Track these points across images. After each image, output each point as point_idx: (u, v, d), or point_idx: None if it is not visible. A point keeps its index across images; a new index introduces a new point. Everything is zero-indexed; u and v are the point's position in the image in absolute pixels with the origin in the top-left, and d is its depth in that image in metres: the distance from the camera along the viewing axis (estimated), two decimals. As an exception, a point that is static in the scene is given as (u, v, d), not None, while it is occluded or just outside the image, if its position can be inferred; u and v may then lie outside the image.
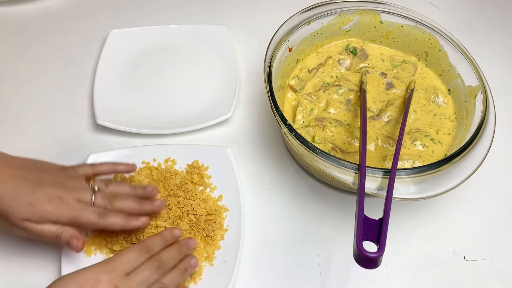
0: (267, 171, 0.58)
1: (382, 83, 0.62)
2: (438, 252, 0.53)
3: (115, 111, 0.61)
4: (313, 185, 0.57)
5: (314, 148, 0.46)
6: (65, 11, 0.76)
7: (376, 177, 0.44)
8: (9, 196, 0.43)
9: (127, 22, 0.74)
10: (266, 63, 0.53)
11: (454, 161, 0.46)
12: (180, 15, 0.76)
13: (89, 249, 0.49)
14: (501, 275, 0.51)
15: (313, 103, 0.59)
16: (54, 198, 0.44)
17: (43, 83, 0.66)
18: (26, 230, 0.44)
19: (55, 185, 0.45)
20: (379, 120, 0.58)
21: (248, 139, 0.61)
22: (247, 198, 0.55)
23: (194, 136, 0.61)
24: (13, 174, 0.44)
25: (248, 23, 0.75)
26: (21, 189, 0.44)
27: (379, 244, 0.37)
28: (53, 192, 0.45)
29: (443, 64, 0.60)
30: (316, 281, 0.50)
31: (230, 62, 0.67)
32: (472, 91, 0.55)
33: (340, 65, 0.63)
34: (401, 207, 0.56)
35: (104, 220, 0.46)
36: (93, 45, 0.71)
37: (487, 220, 0.56)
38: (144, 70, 0.67)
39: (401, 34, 0.63)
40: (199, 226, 0.51)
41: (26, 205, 0.43)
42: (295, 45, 0.59)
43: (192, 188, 0.53)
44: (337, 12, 0.61)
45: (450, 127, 0.57)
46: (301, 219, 0.54)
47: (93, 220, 0.45)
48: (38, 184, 0.45)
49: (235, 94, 0.62)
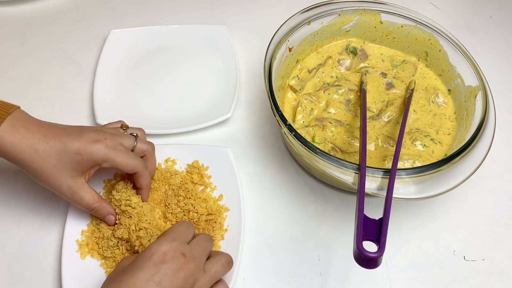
0: (267, 171, 0.58)
1: (382, 83, 0.62)
2: (438, 252, 0.53)
3: (115, 111, 0.61)
4: (313, 185, 0.57)
5: (314, 148, 0.46)
6: (65, 11, 0.76)
7: (376, 177, 0.44)
8: (56, 150, 0.44)
9: (127, 22, 0.74)
10: (266, 63, 0.53)
11: (454, 161, 0.46)
12: (180, 15, 0.76)
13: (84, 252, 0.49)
14: (501, 275, 0.51)
15: (313, 103, 0.59)
16: (100, 140, 0.45)
17: (43, 83, 0.66)
18: (71, 190, 0.45)
19: (98, 132, 0.47)
20: (379, 120, 0.58)
21: (248, 139, 0.61)
22: (247, 198, 0.55)
23: (194, 136, 0.61)
24: (56, 132, 0.45)
25: (248, 22, 0.75)
26: (65, 139, 0.45)
27: (379, 244, 0.37)
28: (98, 136, 0.46)
29: (443, 64, 0.60)
30: (316, 281, 0.50)
31: (230, 62, 0.67)
32: (472, 91, 0.55)
33: (340, 65, 0.63)
34: (401, 207, 0.56)
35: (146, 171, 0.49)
36: (93, 45, 0.71)
37: (487, 220, 0.56)
38: (144, 70, 0.67)
39: (401, 34, 0.63)
40: (199, 226, 0.51)
41: (73, 155, 0.44)
42: (295, 45, 0.59)
43: (192, 188, 0.53)
44: (337, 12, 0.61)
45: (450, 127, 0.57)
46: (301, 219, 0.54)
47: (140, 168, 0.48)
48: (81, 132, 0.46)
49: (235, 94, 0.62)
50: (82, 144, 0.45)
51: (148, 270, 0.38)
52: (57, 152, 0.44)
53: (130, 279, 0.38)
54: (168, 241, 0.41)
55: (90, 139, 0.45)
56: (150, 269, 0.39)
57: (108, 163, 0.46)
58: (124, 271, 0.39)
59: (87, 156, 0.45)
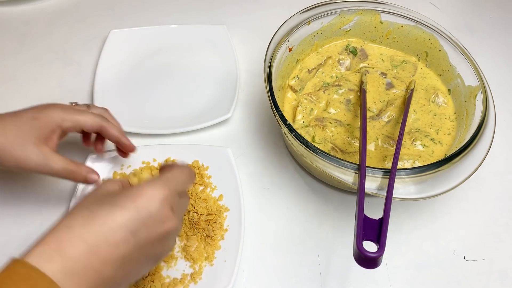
0: (267, 171, 0.58)
1: (382, 83, 0.62)
2: (438, 252, 0.53)
3: (115, 111, 0.61)
4: (313, 185, 0.57)
5: (314, 148, 0.46)
6: (65, 11, 0.76)
7: (376, 177, 0.44)
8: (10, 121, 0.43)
9: (127, 22, 0.74)
10: (266, 63, 0.53)
11: (454, 161, 0.46)
12: (180, 15, 0.76)
13: None
14: (501, 275, 0.51)
15: (313, 103, 0.59)
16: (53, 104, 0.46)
17: (43, 83, 0.66)
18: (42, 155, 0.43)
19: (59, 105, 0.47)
20: (379, 120, 0.58)
21: (248, 139, 0.61)
22: (247, 198, 0.55)
23: (194, 136, 0.61)
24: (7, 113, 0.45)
25: (248, 22, 0.75)
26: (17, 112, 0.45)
27: (379, 244, 0.37)
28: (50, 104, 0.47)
29: (443, 64, 0.60)
30: (316, 281, 0.50)
31: (230, 62, 0.67)
32: (472, 91, 0.55)
33: (340, 65, 0.63)
34: (401, 207, 0.56)
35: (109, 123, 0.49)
36: (93, 45, 0.71)
37: (487, 220, 0.56)
38: (144, 70, 0.67)
39: (401, 34, 0.63)
40: (199, 226, 0.51)
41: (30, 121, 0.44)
42: (295, 45, 0.59)
43: (192, 188, 0.53)
44: (337, 12, 0.61)
45: (450, 127, 0.57)
46: (301, 219, 0.54)
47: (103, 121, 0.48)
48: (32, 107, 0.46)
49: (235, 94, 0.62)
50: (35, 110, 0.45)
51: (128, 212, 0.34)
52: (12, 122, 0.43)
53: (103, 216, 0.33)
54: (161, 187, 0.36)
55: (43, 106, 0.45)
56: (130, 211, 0.34)
57: (68, 122, 0.45)
58: (102, 202, 0.35)
59: (44, 118, 0.44)
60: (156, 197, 0.35)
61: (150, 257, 0.37)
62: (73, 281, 0.31)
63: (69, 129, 0.46)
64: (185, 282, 0.48)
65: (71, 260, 0.31)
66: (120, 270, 0.34)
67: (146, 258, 0.36)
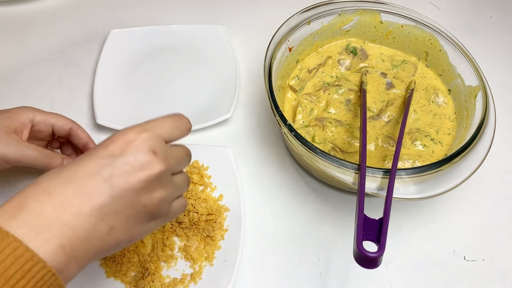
0: (267, 171, 0.58)
1: (382, 83, 0.62)
2: (438, 252, 0.53)
3: (115, 111, 0.61)
4: (313, 185, 0.57)
5: (314, 148, 0.46)
6: (65, 11, 0.76)
7: (376, 177, 0.44)
8: None
9: (127, 22, 0.74)
10: (266, 63, 0.53)
11: (454, 161, 0.46)
12: (180, 15, 0.76)
13: None
14: (501, 275, 0.51)
15: (313, 103, 0.59)
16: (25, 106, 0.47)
17: (43, 83, 0.66)
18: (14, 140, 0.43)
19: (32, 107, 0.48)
20: (379, 120, 0.58)
21: (248, 139, 0.61)
22: (247, 198, 0.55)
23: (194, 136, 0.61)
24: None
25: (248, 22, 0.75)
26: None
27: (379, 244, 0.37)
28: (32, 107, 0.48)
29: (443, 64, 0.60)
30: (316, 281, 0.50)
31: (230, 62, 0.67)
32: (472, 91, 0.55)
33: (340, 65, 0.63)
34: (401, 207, 0.56)
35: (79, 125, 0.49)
36: (93, 45, 0.71)
37: (487, 220, 0.56)
38: (144, 70, 0.67)
39: (401, 34, 0.63)
40: (199, 226, 0.51)
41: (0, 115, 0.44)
42: (295, 45, 0.59)
43: (192, 188, 0.53)
44: (337, 12, 0.61)
45: (450, 127, 0.57)
46: (301, 219, 0.54)
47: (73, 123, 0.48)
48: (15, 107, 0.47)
49: (235, 94, 0.62)
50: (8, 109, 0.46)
51: (100, 160, 0.31)
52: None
53: (73, 168, 0.31)
54: (137, 130, 0.33)
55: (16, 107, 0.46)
56: (102, 159, 0.31)
57: (40, 117, 0.46)
58: (74, 160, 0.32)
59: (15, 113, 0.45)
60: (132, 141, 0.32)
61: (140, 211, 0.32)
62: (41, 236, 0.28)
63: (40, 125, 0.46)
64: (185, 282, 0.48)
65: (35, 215, 0.28)
66: (101, 225, 0.30)
67: (135, 211, 0.32)
